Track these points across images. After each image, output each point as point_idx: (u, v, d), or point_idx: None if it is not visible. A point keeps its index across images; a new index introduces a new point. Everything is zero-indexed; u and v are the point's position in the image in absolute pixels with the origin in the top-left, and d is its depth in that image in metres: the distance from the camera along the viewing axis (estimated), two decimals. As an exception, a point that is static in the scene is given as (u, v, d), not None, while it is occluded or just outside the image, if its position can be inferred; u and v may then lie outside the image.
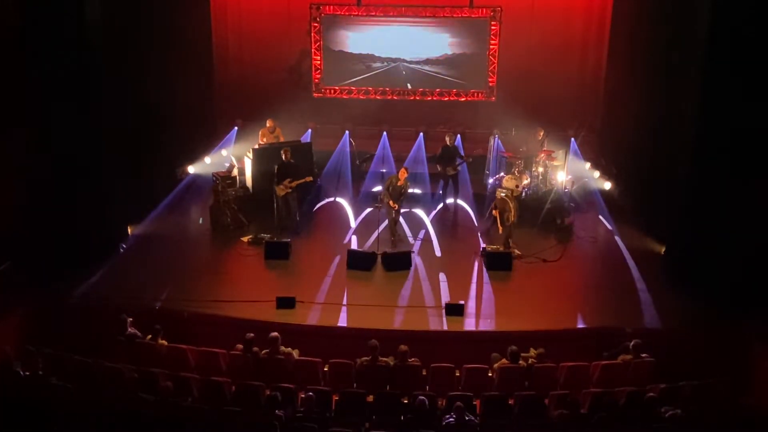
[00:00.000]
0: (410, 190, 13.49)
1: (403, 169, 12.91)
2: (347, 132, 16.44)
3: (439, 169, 14.38)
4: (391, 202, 12.75)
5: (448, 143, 14.31)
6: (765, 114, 10.61)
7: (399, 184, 12.74)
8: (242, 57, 17.89)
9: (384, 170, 15.16)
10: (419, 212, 14.21)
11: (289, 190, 13.08)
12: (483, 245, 12.76)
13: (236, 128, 16.69)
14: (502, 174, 14.56)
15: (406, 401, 8.45)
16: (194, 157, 15.45)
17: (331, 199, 14.79)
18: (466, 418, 7.94)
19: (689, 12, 11.74)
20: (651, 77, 13.59)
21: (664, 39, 13.13)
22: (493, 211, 12.92)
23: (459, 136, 16.42)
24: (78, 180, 11.63)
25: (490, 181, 14.95)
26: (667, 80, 12.94)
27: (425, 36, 17.51)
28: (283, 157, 13.09)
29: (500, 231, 12.68)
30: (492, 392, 8.81)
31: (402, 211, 13.20)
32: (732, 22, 10.55)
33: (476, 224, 13.96)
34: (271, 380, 8.80)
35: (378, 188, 14.19)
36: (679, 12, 12.37)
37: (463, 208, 14.62)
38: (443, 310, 10.86)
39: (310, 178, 13.32)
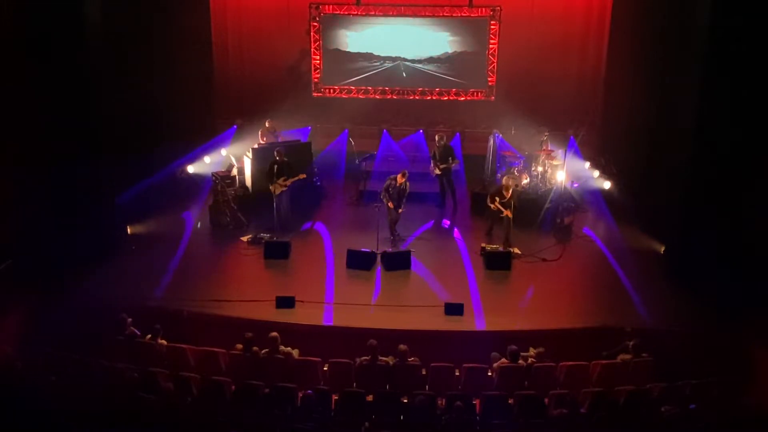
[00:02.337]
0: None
1: (402, 172, 12.88)
2: (346, 131, 16.45)
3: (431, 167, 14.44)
4: (390, 204, 12.76)
5: (437, 143, 14.40)
6: (765, 113, 10.63)
7: (398, 184, 12.74)
8: (242, 57, 17.91)
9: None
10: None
11: (284, 189, 13.10)
12: (482, 245, 12.75)
13: (235, 127, 16.70)
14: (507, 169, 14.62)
15: (405, 401, 8.45)
16: (194, 156, 15.45)
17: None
18: (466, 418, 7.95)
19: (689, 11, 11.74)
20: (651, 76, 13.60)
21: (664, 38, 13.14)
22: (492, 205, 12.84)
23: (458, 135, 16.48)
24: (78, 180, 11.62)
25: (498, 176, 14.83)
26: (666, 79, 12.96)
27: (425, 35, 17.52)
28: (277, 156, 13.09)
29: (505, 214, 12.66)
30: (492, 391, 8.81)
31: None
32: (731, 20, 10.55)
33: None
34: (271, 380, 8.80)
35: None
36: (679, 11, 12.37)
37: (461, 206, 14.67)
38: (443, 310, 10.86)
39: (304, 176, 13.31)
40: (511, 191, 12.67)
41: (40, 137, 11.45)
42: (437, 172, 14.30)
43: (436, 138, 14.56)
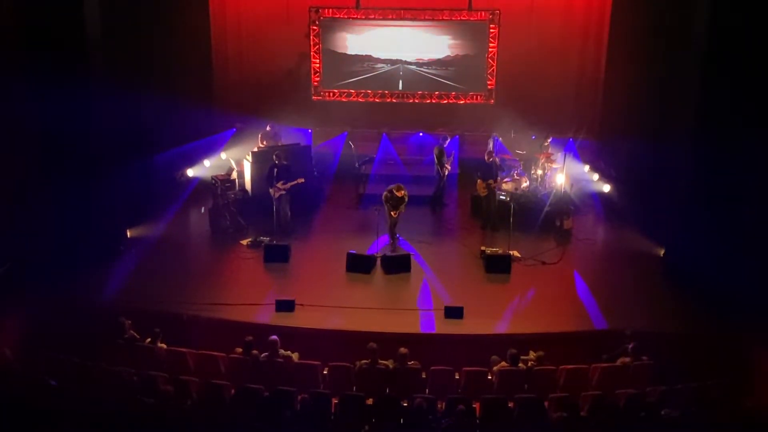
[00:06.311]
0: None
1: (397, 186, 12.81)
2: (345, 133, 16.46)
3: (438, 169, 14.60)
4: (393, 213, 12.80)
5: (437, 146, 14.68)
6: (764, 116, 10.63)
7: (399, 195, 12.73)
8: (241, 60, 17.89)
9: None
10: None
11: (283, 192, 13.09)
12: (482, 248, 12.75)
13: (234, 130, 16.70)
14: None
15: (405, 404, 8.44)
16: (194, 160, 15.45)
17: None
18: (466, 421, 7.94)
19: (687, 14, 11.76)
20: (650, 79, 13.62)
21: (663, 42, 13.16)
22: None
23: (458, 138, 16.48)
24: (78, 181, 11.63)
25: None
26: (665, 83, 12.97)
27: (424, 39, 17.51)
28: (276, 159, 13.10)
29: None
30: (492, 395, 8.80)
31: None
32: (731, 20, 10.56)
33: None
34: (271, 383, 8.78)
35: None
36: (678, 15, 12.39)
37: (459, 209, 14.71)
38: (443, 313, 10.85)
39: (302, 180, 13.31)
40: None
41: (40, 139, 11.46)
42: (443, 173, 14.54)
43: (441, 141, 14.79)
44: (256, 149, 14.55)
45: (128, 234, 13.11)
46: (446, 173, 14.57)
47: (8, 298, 10.58)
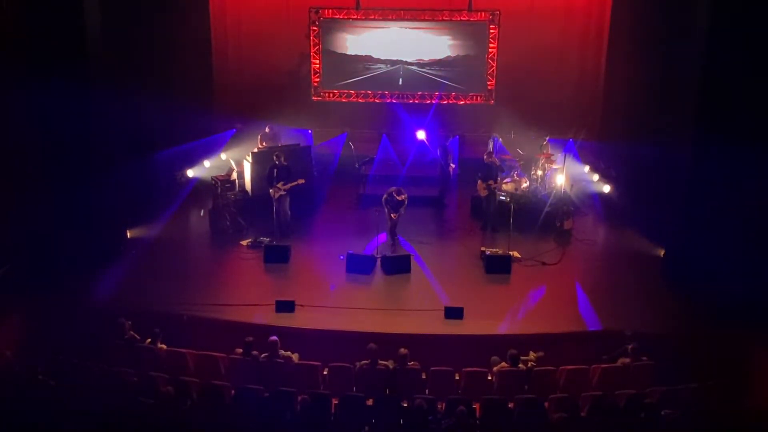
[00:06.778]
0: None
1: (397, 189, 12.91)
2: (345, 134, 16.47)
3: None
4: (393, 215, 12.84)
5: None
6: (764, 116, 10.63)
7: (399, 198, 12.74)
8: (241, 60, 17.91)
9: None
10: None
11: (283, 193, 13.09)
12: (482, 248, 12.75)
13: (234, 131, 16.71)
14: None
15: (405, 405, 8.44)
16: (193, 160, 15.45)
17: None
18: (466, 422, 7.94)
19: (687, 16, 11.76)
20: (650, 80, 13.62)
21: (663, 43, 13.17)
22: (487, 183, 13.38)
23: (458, 138, 16.50)
24: (78, 182, 11.63)
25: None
26: (665, 83, 12.97)
27: (424, 39, 17.53)
28: (276, 160, 13.10)
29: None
30: (492, 395, 8.80)
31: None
32: (730, 20, 10.55)
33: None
34: (271, 384, 8.78)
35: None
36: (678, 16, 12.39)
37: (459, 210, 14.73)
38: (443, 314, 10.85)
39: (302, 181, 13.31)
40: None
41: (40, 141, 11.46)
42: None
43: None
44: (256, 150, 14.55)
45: (128, 234, 13.12)
46: (451, 171, 14.64)
47: (8, 298, 10.58)
